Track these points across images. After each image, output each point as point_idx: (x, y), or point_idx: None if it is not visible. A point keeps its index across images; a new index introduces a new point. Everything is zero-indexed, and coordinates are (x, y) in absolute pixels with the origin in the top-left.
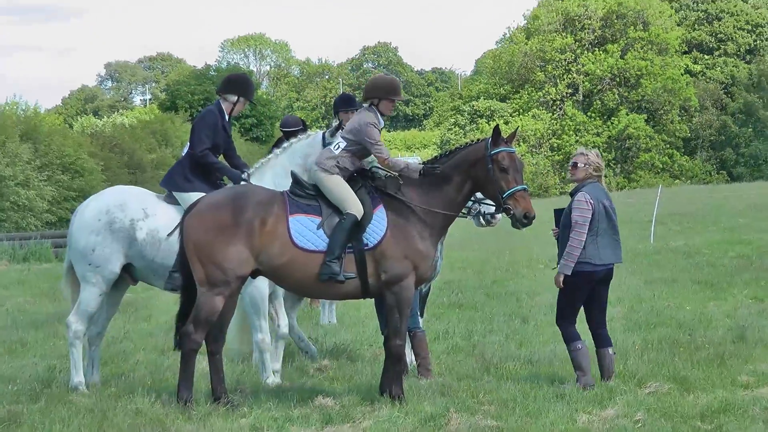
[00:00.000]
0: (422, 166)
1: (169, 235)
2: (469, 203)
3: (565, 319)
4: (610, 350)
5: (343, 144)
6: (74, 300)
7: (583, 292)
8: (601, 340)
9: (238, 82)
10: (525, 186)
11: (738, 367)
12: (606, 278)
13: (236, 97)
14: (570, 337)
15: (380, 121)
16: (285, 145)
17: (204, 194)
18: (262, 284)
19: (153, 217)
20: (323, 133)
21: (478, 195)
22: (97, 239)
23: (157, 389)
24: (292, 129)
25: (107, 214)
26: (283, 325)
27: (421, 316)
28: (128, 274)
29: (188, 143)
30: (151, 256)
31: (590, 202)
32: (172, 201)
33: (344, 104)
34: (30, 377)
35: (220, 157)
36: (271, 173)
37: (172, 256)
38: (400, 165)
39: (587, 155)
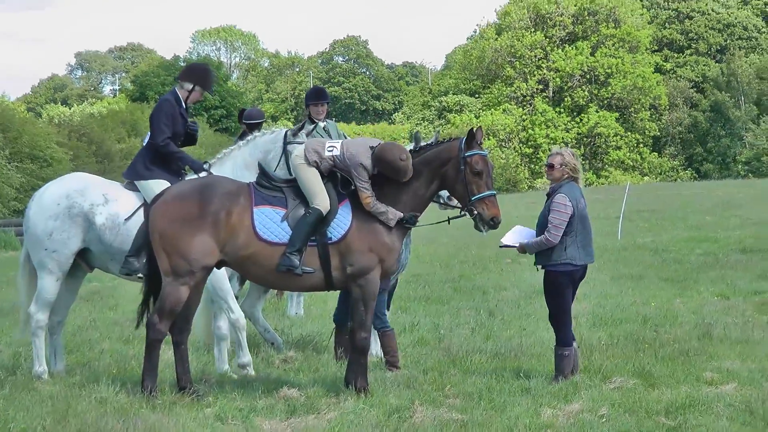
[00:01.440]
0: (402, 214)
1: (128, 219)
2: None
3: (559, 320)
4: (574, 344)
5: (336, 152)
6: (29, 293)
7: (569, 289)
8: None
9: (196, 71)
10: (494, 192)
11: (703, 363)
12: (581, 277)
13: (192, 86)
14: (564, 341)
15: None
16: (249, 137)
17: (163, 181)
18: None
19: (113, 202)
20: (286, 131)
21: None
22: (56, 224)
23: (122, 378)
24: (256, 121)
25: (67, 199)
26: (223, 326)
27: (388, 309)
28: (84, 261)
29: (149, 133)
30: (109, 241)
31: (568, 205)
32: (132, 188)
33: (315, 97)
34: None
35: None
36: (231, 164)
37: (130, 242)
38: (381, 209)
39: (563, 155)
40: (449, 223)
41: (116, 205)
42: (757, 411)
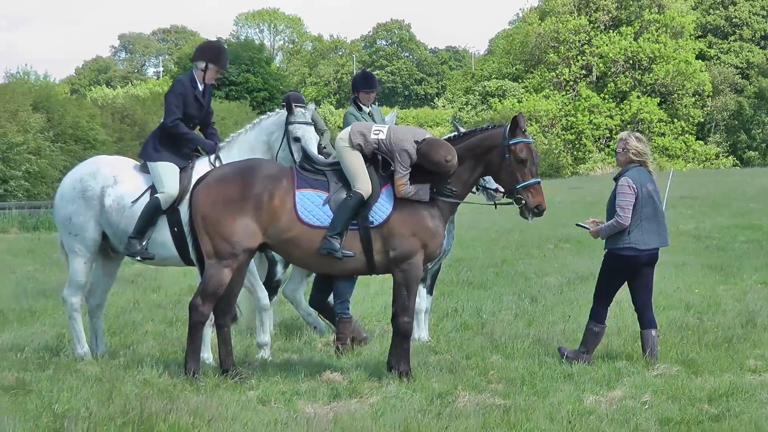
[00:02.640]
0: (434, 188)
1: (134, 202)
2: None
3: (599, 297)
4: (653, 332)
5: (382, 136)
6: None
7: (624, 276)
8: (646, 321)
9: (206, 49)
10: (539, 179)
11: (746, 351)
12: (651, 261)
13: (204, 64)
14: (596, 316)
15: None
16: (255, 121)
17: (169, 163)
18: None
19: (121, 183)
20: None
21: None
22: (73, 207)
23: (165, 360)
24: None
25: (81, 182)
26: (262, 297)
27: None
28: (108, 244)
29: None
30: (116, 223)
31: (632, 187)
32: (144, 170)
33: (366, 84)
34: (39, 345)
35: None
36: (238, 148)
37: (134, 223)
38: (411, 192)
39: (626, 140)
40: (495, 207)
41: (123, 187)
42: None
